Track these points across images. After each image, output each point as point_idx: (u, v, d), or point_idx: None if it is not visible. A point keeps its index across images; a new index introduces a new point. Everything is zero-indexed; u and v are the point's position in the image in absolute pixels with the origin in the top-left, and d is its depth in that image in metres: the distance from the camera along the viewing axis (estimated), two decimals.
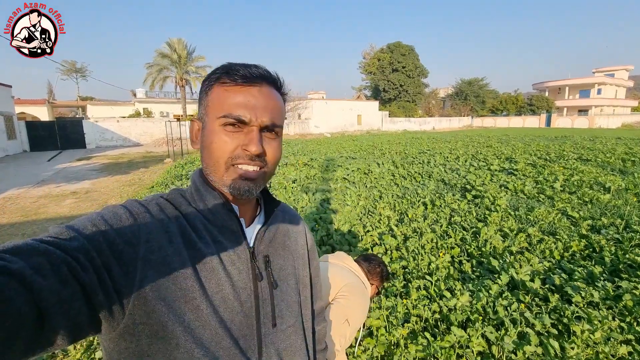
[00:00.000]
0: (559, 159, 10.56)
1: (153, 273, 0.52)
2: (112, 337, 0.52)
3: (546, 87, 50.58)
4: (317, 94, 44.29)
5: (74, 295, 0.43)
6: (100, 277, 0.46)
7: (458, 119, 44.04)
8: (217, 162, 0.60)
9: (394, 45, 43.52)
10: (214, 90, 0.61)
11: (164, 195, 0.63)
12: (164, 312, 0.53)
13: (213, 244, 0.60)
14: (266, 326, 0.64)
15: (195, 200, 0.63)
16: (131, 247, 0.52)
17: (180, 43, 29.23)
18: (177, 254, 0.56)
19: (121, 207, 0.56)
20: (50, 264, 0.41)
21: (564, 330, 2.31)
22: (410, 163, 10.57)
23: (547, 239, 3.93)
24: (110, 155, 17.35)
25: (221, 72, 0.61)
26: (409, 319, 2.45)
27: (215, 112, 0.60)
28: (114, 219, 0.53)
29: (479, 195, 6.18)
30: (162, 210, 0.59)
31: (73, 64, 38.14)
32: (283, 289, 0.69)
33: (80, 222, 0.51)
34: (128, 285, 0.50)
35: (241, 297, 0.61)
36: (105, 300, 0.47)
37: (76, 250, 0.45)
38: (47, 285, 0.40)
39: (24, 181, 9.91)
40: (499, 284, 2.83)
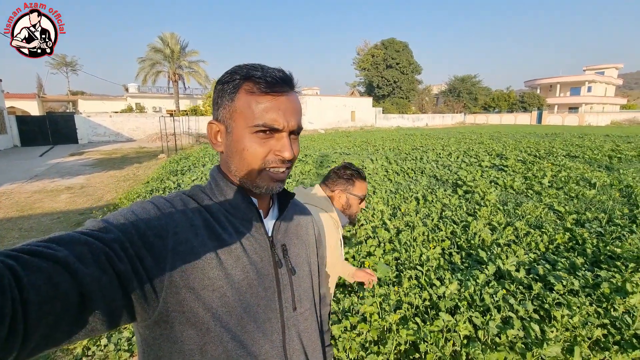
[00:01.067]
0: (548, 155, 10.81)
1: (182, 264, 0.56)
2: (148, 324, 0.56)
3: (538, 84, 51.25)
4: (311, 90, 44.30)
5: (111, 282, 0.46)
6: (134, 266, 0.50)
7: (451, 116, 44.45)
8: (251, 167, 0.64)
9: (388, 42, 43.59)
10: (241, 97, 0.62)
11: (186, 192, 0.67)
12: (193, 300, 0.56)
13: (236, 235, 0.64)
14: (288, 310, 0.69)
15: (216, 195, 0.67)
16: (161, 239, 0.55)
17: (173, 37, 28.94)
18: (203, 245, 0.59)
19: (149, 202, 0.60)
20: (91, 253, 0.45)
21: (545, 315, 2.47)
22: (404, 159, 10.73)
23: (534, 232, 4.10)
24: (103, 150, 17.23)
25: (244, 78, 0.62)
26: (400, 306, 2.58)
27: (246, 121, 0.62)
28: (143, 213, 0.57)
29: (470, 191, 6.35)
30: (185, 205, 0.63)
31: (63, 57, 37.46)
32: (300, 275, 0.74)
33: (113, 216, 0.55)
34: (160, 274, 0.54)
35: (265, 283, 0.65)
36: (140, 288, 0.51)
37: (112, 241, 0.49)
38: (89, 272, 0.43)
39: (17, 176, 9.83)
40: (486, 274, 2.98)
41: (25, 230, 5.14)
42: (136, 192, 7.06)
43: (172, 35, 28.93)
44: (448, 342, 2.15)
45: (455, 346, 2.15)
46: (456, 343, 2.16)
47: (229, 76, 0.64)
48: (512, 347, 2.14)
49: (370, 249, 3.63)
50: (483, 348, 2.10)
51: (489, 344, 2.17)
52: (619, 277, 2.78)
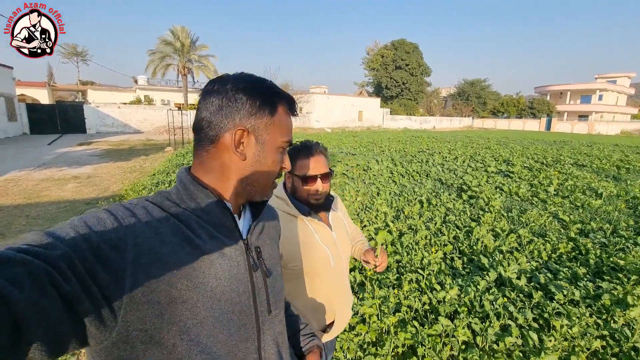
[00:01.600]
0: (555, 163, 10.72)
1: (144, 277, 0.52)
2: (104, 346, 0.50)
3: (548, 90, 50.71)
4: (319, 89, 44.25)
5: (54, 305, 0.41)
6: (84, 285, 0.45)
7: (459, 119, 44.20)
8: (271, 177, 0.70)
9: (399, 43, 43.40)
10: (280, 113, 0.68)
11: (149, 199, 0.62)
12: (157, 316, 0.52)
13: (210, 240, 0.62)
14: (263, 314, 0.68)
15: (185, 200, 0.63)
16: (118, 252, 0.50)
17: (184, 31, 29.05)
18: (173, 253, 0.56)
19: (105, 211, 0.55)
20: (29, 275, 0.40)
21: (544, 324, 2.46)
22: (409, 161, 10.70)
23: (537, 240, 4.08)
24: (110, 141, 17.40)
25: (279, 96, 0.69)
26: (399, 309, 2.60)
27: (281, 135, 0.68)
28: (97, 224, 0.51)
29: (474, 196, 6.33)
30: (149, 213, 0.58)
31: (74, 47, 37.87)
32: (273, 276, 0.74)
33: (60, 228, 0.49)
34: (118, 291, 0.49)
35: (239, 288, 0.64)
36: (93, 308, 0.46)
37: (57, 259, 0.43)
38: (24, 297, 0.38)
39: (25, 164, 9.98)
40: (487, 280, 2.98)
41: (32, 217, 5.23)
42: (142, 184, 7.13)
43: (183, 29, 29.05)
44: (446, 347, 2.16)
45: (453, 351, 2.16)
46: (454, 348, 2.17)
47: (266, 90, 0.67)
48: (510, 354, 2.14)
49: None
50: (481, 354, 2.11)
51: (487, 351, 2.18)
52: (621, 289, 2.76)
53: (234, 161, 0.66)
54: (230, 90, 0.64)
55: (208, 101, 0.65)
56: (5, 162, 10.16)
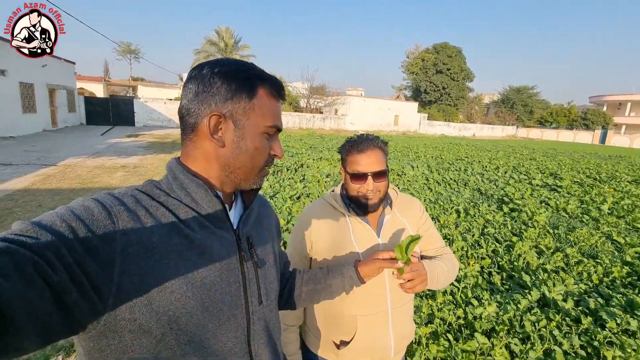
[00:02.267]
0: (610, 179, 9.86)
1: (133, 266, 0.51)
2: (92, 335, 0.50)
3: (605, 101, 46.78)
4: (355, 91, 44.07)
5: (41, 295, 0.41)
6: (72, 274, 0.44)
7: (501, 128, 42.00)
8: (258, 165, 0.66)
9: (441, 46, 42.13)
10: (260, 97, 0.64)
11: (138, 187, 0.62)
12: (146, 305, 0.52)
13: (200, 230, 0.61)
14: (254, 304, 0.68)
15: (174, 190, 0.62)
16: (106, 242, 0.50)
17: (228, 32, 30.23)
18: (161, 244, 0.55)
19: (93, 200, 0.54)
20: (14, 264, 0.39)
21: (593, 353, 2.26)
22: (446, 169, 10.33)
23: (587, 262, 3.77)
24: (156, 134, 18.44)
25: (259, 79, 0.64)
26: (432, 320, 2.50)
27: (263, 120, 0.64)
28: (85, 213, 0.50)
29: (517, 209, 5.98)
30: (138, 201, 0.57)
31: (128, 45, 40.63)
32: (266, 267, 0.73)
33: (47, 217, 0.48)
34: (106, 280, 0.48)
35: (230, 278, 0.63)
36: (82, 298, 0.46)
37: (44, 248, 0.43)
38: (10, 287, 0.37)
39: (80, 151, 10.84)
40: (529, 300, 2.80)
41: None
42: None
43: (227, 30, 30.22)
44: None
45: None
46: None
47: (242, 73, 0.63)
48: None
49: None
50: None
51: None
52: None
53: (214, 148, 0.63)
54: (206, 75, 0.62)
55: (187, 88, 0.63)
56: (65, 149, 11.11)
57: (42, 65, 16.17)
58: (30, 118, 15.15)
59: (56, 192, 6.02)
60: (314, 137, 19.38)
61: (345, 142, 1.19)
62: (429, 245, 1.29)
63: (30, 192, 5.92)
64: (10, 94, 13.67)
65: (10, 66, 13.50)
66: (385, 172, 1.13)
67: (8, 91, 13.50)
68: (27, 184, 6.40)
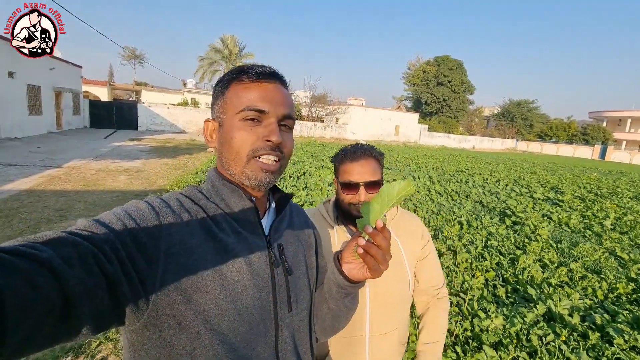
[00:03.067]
0: (611, 195, 9.90)
1: (174, 266, 0.54)
2: (136, 328, 0.54)
3: (605, 116, 47.14)
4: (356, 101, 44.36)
5: (98, 285, 0.44)
6: (124, 268, 0.48)
7: (501, 141, 42.21)
8: (239, 155, 0.63)
9: (442, 59, 42.63)
10: (231, 89, 0.65)
11: (182, 192, 0.66)
12: (185, 303, 0.55)
13: (233, 235, 0.63)
14: (282, 311, 0.67)
15: (212, 195, 0.66)
16: (154, 240, 0.54)
17: (233, 40, 30.59)
18: (199, 246, 0.58)
19: (143, 202, 0.58)
20: (78, 255, 0.43)
21: None
22: (448, 180, 10.37)
23: (591, 277, 3.78)
24: (158, 139, 18.51)
25: (236, 72, 0.66)
26: None
27: (234, 109, 0.64)
28: (137, 213, 0.55)
29: (519, 222, 5.99)
30: (182, 205, 0.62)
31: (133, 50, 41.16)
32: (296, 275, 0.72)
33: (106, 216, 0.53)
34: (151, 276, 0.52)
35: (260, 283, 0.64)
36: (130, 290, 0.49)
37: (102, 242, 0.47)
38: (74, 274, 0.41)
39: (85, 154, 10.88)
40: (535, 313, 2.80)
41: (89, 204, 5.68)
42: (186, 180, 7.51)
43: (232, 38, 30.60)
44: None
45: None
46: None
47: (225, 74, 0.68)
48: None
49: None
50: None
51: None
52: None
53: (216, 153, 0.68)
54: (214, 88, 0.69)
55: None
56: (69, 151, 11.15)
57: (49, 68, 16.34)
58: (36, 119, 15.24)
59: (61, 194, 6.04)
60: (315, 146, 19.47)
61: (339, 151, 1.14)
62: (425, 282, 1.17)
63: (36, 193, 5.93)
64: (18, 95, 13.79)
65: (19, 68, 13.64)
66: (379, 183, 1.06)
67: (15, 93, 13.61)
68: (33, 185, 6.42)
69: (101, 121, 22.29)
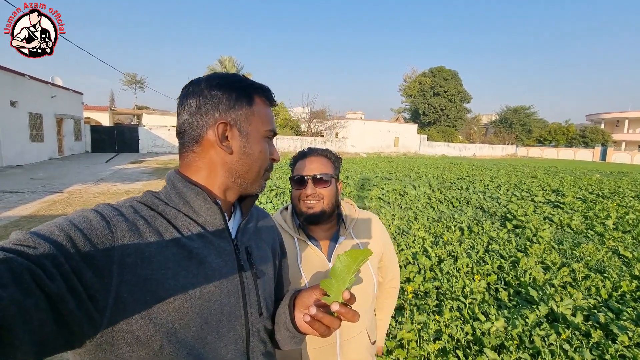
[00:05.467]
0: (613, 195, 9.85)
1: (131, 277, 0.50)
2: (88, 349, 0.49)
3: (602, 118, 47.37)
4: (355, 114, 44.91)
5: (38, 305, 0.40)
6: (69, 284, 0.44)
7: (501, 147, 42.34)
8: (262, 168, 0.69)
9: (437, 70, 43.31)
10: (259, 104, 0.68)
11: (137, 198, 0.62)
12: (144, 317, 0.51)
13: (198, 239, 0.60)
14: (253, 315, 0.66)
15: (172, 199, 0.62)
16: (104, 251, 0.49)
17: (231, 61, 31.29)
18: (158, 253, 0.54)
19: (91, 210, 0.53)
20: (11, 273, 0.38)
21: None
22: (448, 188, 10.37)
23: (594, 276, 3.73)
24: (159, 160, 18.69)
25: (255, 88, 0.68)
26: (440, 337, 2.47)
27: (263, 125, 0.68)
28: (83, 223, 0.50)
29: (520, 226, 5.96)
30: (137, 212, 0.57)
31: (134, 76, 42.07)
32: (265, 278, 0.72)
33: (45, 227, 0.48)
34: (103, 290, 0.48)
35: (229, 288, 0.62)
36: (78, 308, 0.44)
37: (41, 257, 0.42)
38: (6, 295, 0.37)
39: (86, 178, 10.99)
40: (537, 314, 2.76)
41: None
42: None
43: (230, 59, 31.31)
44: None
45: None
46: None
47: (239, 83, 0.66)
48: None
49: (410, 275, 3.53)
50: None
51: None
52: None
53: (222, 156, 0.65)
54: (204, 88, 0.64)
55: (186, 104, 0.64)
56: (70, 176, 11.27)
57: (51, 96, 16.70)
58: (38, 147, 15.46)
59: None
60: None
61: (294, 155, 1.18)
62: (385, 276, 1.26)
63: (36, 218, 5.97)
64: (20, 124, 14.05)
65: (21, 97, 13.96)
66: (327, 179, 1.07)
67: (18, 121, 13.88)
68: (33, 211, 6.47)
69: (103, 146, 22.58)
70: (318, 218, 1.06)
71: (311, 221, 1.07)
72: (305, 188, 1.06)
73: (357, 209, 1.23)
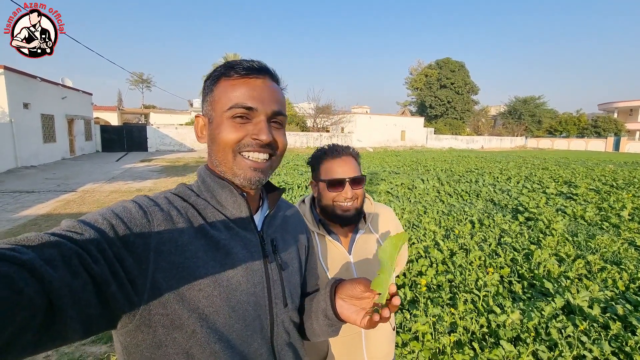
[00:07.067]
0: (628, 186, 9.65)
1: (165, 264, 0.53)
2: (128, 329, 0.53)
3: (615, 107, 46.21)
4: (361, 109, 44.60)
5: (84, 286, 0.43)
6: (112, 268, 0.47)
7: (510, 139, 41.69)
8: (225, 151, 0.63)
9: (443, 62, 42.74)
10: (220, 85, 0.64)
11: (171, 190, 0.65)
12: (178, 302, 0.54)
13: (225, 231, 0.62)
14: (278, 306, 0.67)
15: (203, 192, 0.65)
16: (142, 238, 0.52)
17: (236, 57, 31.27)
18: (190, 243, 0.57)
19: (131, 202, 0.57)
20: (62, 256, 0.41)
21: (625, 359, 2.19)
22: (457, 181, 10.28)
23: (610, 268, 3.68)
24: (168, 158, 18.89)
25: (224, 68, 0.65)
26: (455, 329, 2.47)
27: (222, 106, 0.62)
28: (124, 212, 0.54)
29: (533, 218, 5.89)
30: (171, 203, 0.60)
31: (140, 75, 42.45)
32: (290, 270, 0.72)
33: (91, 215, 0.52)
34: (142, 276, 0.51)
35: (254, 279, 0.63)
36: (120, 291, 0.48)
37: (88, 243, 0.46)
38: (58, 276, 0.39)
39: (98, 177, 11.17)
40: (553, 306, 2.74)
41: None
42: None
43: (235, 56, 31.28)
44: None
45: None
46: None
47: (214, 70, 0.66)
48: None
49: (422, 268, 3.52)
50: None
51: None
52: None
53: (208, 149, 0.68)
54: (203, 84, 0.68)
55: None
56: (83, 176, 11.47)
57: (62, 97, 16.95)
58: (51, 147, 15.75)
59: (77, 216, 6.15)
60: None
61: (316, 152, 1.14)
62: (398, 267, 1.26)
63: (53, 217, 6.11)
64: (33, 125, 14.31)
65: (33, 99, 14.20)
66: (362, 179, 1.09)
67: (31, 123, 14.14)
68: (49, 210, 6.62)
69: (112, 145, 22.89)
70: (354, 219, 1.08)
71: (347, 222, 1.08)
72: (345, 190, 1.06)
73: (374, 202, 1.24)
